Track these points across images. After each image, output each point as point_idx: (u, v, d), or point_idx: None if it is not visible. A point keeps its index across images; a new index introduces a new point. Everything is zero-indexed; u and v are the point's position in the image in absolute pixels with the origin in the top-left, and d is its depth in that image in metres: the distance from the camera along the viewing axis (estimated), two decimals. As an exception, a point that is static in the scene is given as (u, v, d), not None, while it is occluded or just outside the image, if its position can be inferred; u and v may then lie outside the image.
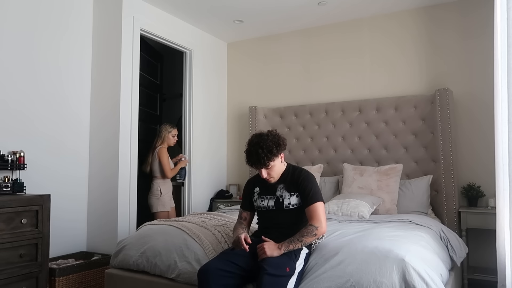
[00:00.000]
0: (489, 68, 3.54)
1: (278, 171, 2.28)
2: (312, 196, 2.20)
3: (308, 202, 2.20)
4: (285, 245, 2.09)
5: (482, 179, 3.63)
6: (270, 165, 2.21)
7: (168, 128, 3.92)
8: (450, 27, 3.89)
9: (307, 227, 2.15)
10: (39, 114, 3.27)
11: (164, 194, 3.81)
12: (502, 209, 2.62)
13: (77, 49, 3.61)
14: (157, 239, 2.57)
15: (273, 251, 2.07)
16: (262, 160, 2.17)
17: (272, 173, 2.25)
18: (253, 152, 2.19)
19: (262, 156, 2.16)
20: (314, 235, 2.13)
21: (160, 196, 3.78)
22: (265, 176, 2.24)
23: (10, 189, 2.85)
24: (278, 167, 2.27)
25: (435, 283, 1.96)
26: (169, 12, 4.16)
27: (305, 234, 2.12)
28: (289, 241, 2.11)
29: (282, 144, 2.25)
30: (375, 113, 4.01)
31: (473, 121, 3.74)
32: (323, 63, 4.51)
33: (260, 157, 2.16)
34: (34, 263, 2.73)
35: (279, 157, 2.25)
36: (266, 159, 2.17)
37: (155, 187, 3.81)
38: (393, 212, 3.40)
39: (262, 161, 2.17)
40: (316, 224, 2.14)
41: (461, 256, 2.84)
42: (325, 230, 2.18)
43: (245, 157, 2.25)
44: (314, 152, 4.31)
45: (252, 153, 2.19)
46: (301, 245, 2.12)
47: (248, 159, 2.23)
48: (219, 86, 4.99)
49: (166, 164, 3.81)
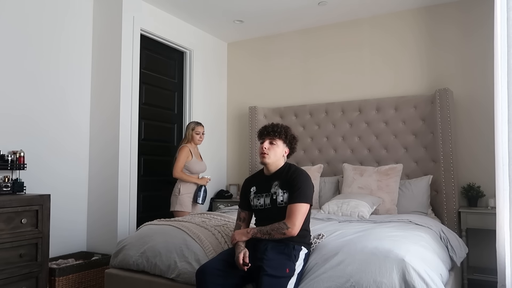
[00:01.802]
0: (489, 68, 3.54)
1: (276, 156, 2.31)
2: (297, 195, 2.18)
3: (292, 200, 2.19)
4: (253, 232, 2.21)
5: (482, 179, 3.63)
6: (276, 141, 2.30)
7: (192, 125, 3.68)
8: (450, 27, 3.89)
9: (280, 223, 2.14)
10: (39, 113, 3.27)
11: (184, 193, 3.55)
12: (502, 209, 2.62)
13: (77, 49, 3.61)
14: (157, 239, 2.57)
15: (242, 235, 2.23)
16: (275, 128, 2.32)
17: (271, 151, 2.29)
18: (271, 124, 2.37)
19: (275, 129, 2.32)
20: (283, 234, 2.12)
21: (178, 195, 3.55)
22: (265, 147, 2.29)
23: (10, 189, 2.85)
24: (279, 153, 2.32)
25: (435, 283, 1.96)
26: (169, 12, 4.16)
27: (274, 229, 2.14)
28: (259, 229, 2.20)
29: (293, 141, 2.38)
30: (375, 113, 4.01)
31: (473, 121, 3.74)
32: (323, 63, 4.51)
33: (275, 127, 2.33)
34: (34, 263, 2.73)
35: (285, 145, 2.35)
36: (278, 132, 2.31)
37: (176, 186, 3.62)
38: (393, 212, 3.40)
39: (275, 129, 2.32)
40: (289, 224, 2.12)
41: (461, 256, 2.83)
42: (295, 232, 2.13)
43: (258, 131, 2.39)
44: (314, 152, 4.31)
45: (269, 124, 2.38)
46: (268, 238, 2.16)
47: (262, 129, 2.36)
48: (219, 86, 4.99)
49: (179, 161, 3.54)
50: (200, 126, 3.71)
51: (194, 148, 3.72)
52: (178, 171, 3.55)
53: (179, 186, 3.60)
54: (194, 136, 3.67)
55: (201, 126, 3.73)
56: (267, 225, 2.19)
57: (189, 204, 3.58)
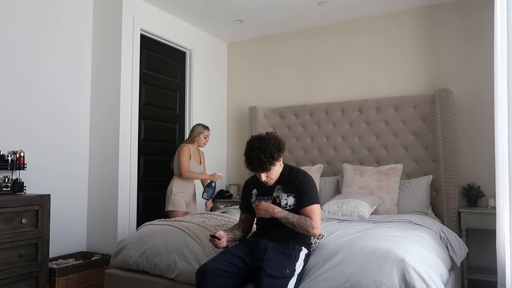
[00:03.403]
0: (489, 68, 3.55)
1: (276, 173, 2.28)
2: (308, 198, 2.20)
3: (305, 203, 2.20)
4: (280, 213, 2.15)
5: (482, 179, 3.63)
6: (271, 169, 2.21)
7: (201, 129, 3.69)
8: (450, 27, 3.89)
9: (307, 219, 2.14)
10: (39, 113, 3.27)
11: (176, 193, 3.53)
12: (502, 209, 2.62)
13: (77, 49, 3.61)
14: (157, 239, 2.57)
15: (266, 213, 2.18)
16: (264, 165, 2.14)
17: (271, 176, 2.24)
18: (255, 157, 2.15)
19: (264, 161, 2.13)
20: (307, 232, 2.14)
21: (171, 194, 3.54)
22: (264, 179, 2.23)
23: (10, 189, 2.85)
24: (277, 169, 2.27)
25: (435, 283, 1.96)
26: (169, 12, 4.16)
27: (301, 223, 2.13)
28: (286, 214, 2.15)
29: (282, 148, 2.23)
30: (375, 113, 4.01)
31: (473, 121, 3.74)
32: (323, 63, 4.51)
33: (262, 162, 2.14)
34: (34, 263, 2.73)
35: (279, 160, 2.25)
36: (268, 164, 2.15)
37: (169, 185, 3.61)
38: (393, 212, 3.40)
39: (264, 166, 2.15)
40: (314, 224, 2.15)
41: (461, 256, 2.83)
42: (318, 233, 2.17)
43: (245, 160, 2.21)
44: (314, 152, 4.31)
45: (254, 157, 2.15)
46: (290, 226, 2.15)
47: (248, 163, 2.19)
48: (219, 86, 4.99)
49: (184, 161, 3.52)
50: (208, 130, 3.75)
51: (195, 151, 3.71)
52: (186, 170, 3.53)
53: (172, 185, 3.57)
54: (201, 139, 3.68)
55: (209, 130, 3.77)
56: (295, 215, 2.15)
57: (182, 203, 3.55)
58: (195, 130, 3.69)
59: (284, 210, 2.19)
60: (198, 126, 3.72)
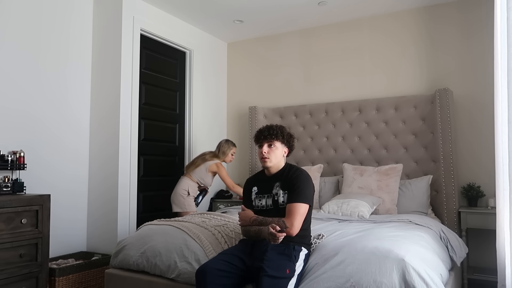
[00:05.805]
0: (489, 68, 3.54)
1: (277, 158, 2.30)
2: (295, 195, 2.17)
3: (290, 199, 2.18)
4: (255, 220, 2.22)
5: (482, 179, 3.63)
6: (274, 144, 2.28)
7: (231, 146, 3.95)
8: (450, 27, 3.89)
9: (280, 221, 2.11)
10: (39, 113, 3.27)
11: (191, 195, 3.77)
12: (502, 209, 2.62)
13: (77, 49, 3.61)
14: (157, 239, 2.57)
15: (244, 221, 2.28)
16: (272, 131, 2.29)
17: (271, 154, 2.28)
18: (265, 127, 2.34)
19: (274, 129, 2.30)
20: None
21: (186, 196, 3.72)
22: (265, 151, 2.28)
23: (10, 189, 2.85)
24: (279, 155, 2.31)
25: (435, 283, 1.96)
26: (169, 12, 4.16)
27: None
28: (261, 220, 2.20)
29: (291, 142, 2.37)
30: (375, 113, 4.01)
31: (473, 121, 3.74)
32: (323, 63, 4.51)
33: (271, 130, 2.30)
34: (34, 263, 2.73)
35: (283, 146, 2.33)
36: (275, 134, 2.28)
37: (182, 187, 3.73)
38: (393, 212, 3.40)
39: (272, 132, 2.29)
40: (287, 223, 2.11)
41: (461, 256, 2.84)
42: (294, 233, 2.11)
43: (254, 136, 2.37)
44: (314, 152, 4.31)
45: (264, 128, 2.34)
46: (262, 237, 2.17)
47: (257, 133, 2.34)
48: (219, 86, 4.99)
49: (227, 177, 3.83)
50: (235, 147, 4.03)
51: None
52: (233, 185, 3.84)
53: (187, 187, 3.74)
54: (229, 156, 3.93)
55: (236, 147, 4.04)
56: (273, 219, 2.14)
57: (193, 204, 3.80)
58: (227, 147, 3.92)
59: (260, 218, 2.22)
60: (228, 143, 3.96)
